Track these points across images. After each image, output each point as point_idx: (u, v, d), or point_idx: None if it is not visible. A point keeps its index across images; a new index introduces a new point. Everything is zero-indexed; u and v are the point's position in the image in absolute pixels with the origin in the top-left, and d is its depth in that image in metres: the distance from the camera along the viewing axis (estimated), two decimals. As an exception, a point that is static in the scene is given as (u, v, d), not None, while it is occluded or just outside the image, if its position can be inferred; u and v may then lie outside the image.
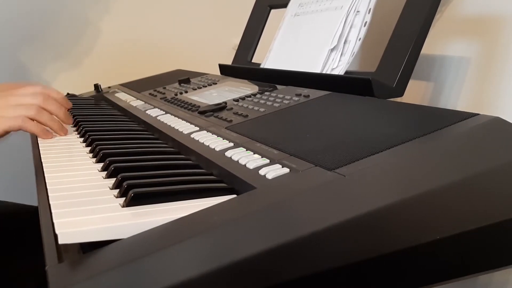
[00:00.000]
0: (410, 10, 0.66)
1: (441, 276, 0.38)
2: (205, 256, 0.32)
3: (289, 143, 0.50)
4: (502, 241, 0.40)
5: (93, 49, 1.33)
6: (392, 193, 0.37)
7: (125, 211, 0.40)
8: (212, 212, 0.38)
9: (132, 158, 0.54)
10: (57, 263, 0.33)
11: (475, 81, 0.75)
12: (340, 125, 0.53)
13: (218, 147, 0.53)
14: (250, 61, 1.00)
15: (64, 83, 1.30)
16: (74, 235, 0.35)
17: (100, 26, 1.33)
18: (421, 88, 0.84)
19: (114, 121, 0.79)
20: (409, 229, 0.37)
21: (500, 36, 0.71)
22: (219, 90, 0.85)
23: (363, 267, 0.35)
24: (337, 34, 0.73)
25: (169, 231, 0.36)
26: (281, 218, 0.36)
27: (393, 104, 0.57)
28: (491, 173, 0.41)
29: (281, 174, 0.43)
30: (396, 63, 0.64)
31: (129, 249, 0.34)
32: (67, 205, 0.40)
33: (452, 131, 0.45)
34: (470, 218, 0.39)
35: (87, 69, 1.33)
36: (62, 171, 0.52)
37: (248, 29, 1.04)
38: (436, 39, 0.80)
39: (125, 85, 1.16)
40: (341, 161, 0.42)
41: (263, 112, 0.64)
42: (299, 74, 0.76)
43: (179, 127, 0.65)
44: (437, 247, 0.37)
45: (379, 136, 0.46)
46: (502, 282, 0.68)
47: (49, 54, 1.29)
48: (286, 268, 0.32)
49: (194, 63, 1.24)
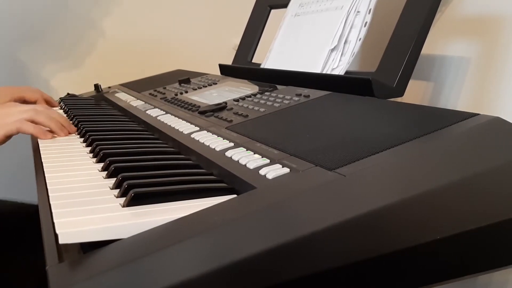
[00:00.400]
0: (410, 10, 0.66)
1: (441, 276, 0.38)
2: (205, 256, 0.32)
3: (289, 143, 0.50)
4: (502, 241, 0.40)
5: (93, 49, 1.33)
6: (392, 193, 0.37)
7: (125, 211, 0.40)
8: (212, 212, 0.38)
9: (132, 158, 0.54)
10: (58, 263, 0.33)
11: (475, 81, 0.75)
12: (340, 125, 0.53)
13: (218, 147, 0.53)
14: (250, 61, 1.00)
15: (64, 83, 1.30)
16: (74, 235, 0.35)
17: (101, 26, 1.33)
18: (421, 88, 0.84)
19: (114, 121, 0.79)
20: (409, 229, 0.37)
21: (500, 36, 0.71)
22: (219, 90, 0.85)
23: (363, 267, 0.35)
24: (337, 34, 0.73)
25: (169, 231, 0.36)
26: (281, 218, 0.36)
27: (393, 104, 0.57)
28: (491, 173, 0.41)
29: (281, 174, 0.43)
30: (396, 63, 0.64)
31: (129, 249, 0.34)
32: (68, 205, 0.40)
33: (452, 131, 0.45)
34: (470, 218, 0.39)
35: (87, 69, 1.33)
36: (62, 171, 0.52)
37: (248, 29, 1.04)
38: (436, 39, 0.80)
39: (125, 85, 1.16)
40: (341, 161, 0.42)
41: (263, 112, 0.64)
42: (299, 74, 0.76)
43: (179, 127, 0.65)
44: (437, 247, 0.37)
45: (379, 136, 0.46)
46: (502, 282, 0.68)
47: (49, 54, 1.29)
48: (286, 268, 0.32)
49: (194, 63, 1.24)
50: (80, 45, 1.32)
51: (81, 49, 1.32)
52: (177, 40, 1.40)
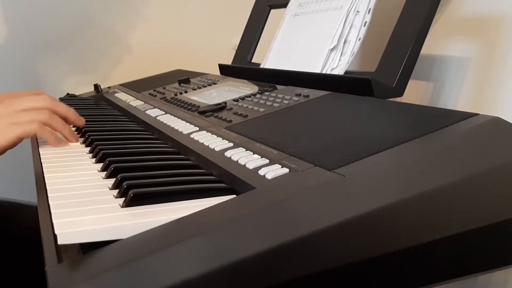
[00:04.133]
0: (410, 10, 0.66)
1: (441, 276, 0.38)
2: (205, 256, 0.32)
3: (289, 143, 0.49)
4: (502, 241, 0.40)
5: (93, 49, 1.33)
6: (392, 193, 0.37)
7: (125, 211, 0.40)
8: (212, 212, 0.38)
9: (132, 158, 0.54)
10: (57, 263, 0.33)
11: (475, 81, 0.75)
12: (339, 125, 0.53)
13: (217, 147, 0.53)
14: (250, 61, 1.00)
15: (64, 83, 1.30)
16: (73, 235, 0.35)
17: (100, 26, 1.33)
18: (421, 88, 0.84)
19: (114, 121, 0.79)
20: (409, 229, 0.37)
21: (500, 36, 0.71)
22: (219, 90, 0.85)
23: (363, 267, 0.35)
24: (337, 34, 0.73)
25: (169, 231, 0.36)
26: (281, 218, 0.36)
27: (393, 104, 0.57)
28: (491, 173, 0.41)
29: (280, 174, 0.43)
30: (396, 63, 0.64)
31: (129, 249, 0.34)
32: (67, 205, 0.40)
33: (452, 131, 0.45)
34: (470, 218, 0.39)
35: (87, 69, 1.33)
36: (61, 171, 0.52)
37: (248, 29, 1.04)
38: (436, 39, 0.80)
39: (125, 85, 1.16)
40: (341, 161, 0.42)
41: (263, 112, 0.64)
42: (299, 74, 0.76)
43: (179, 127, 0.65)
44: (437, 247, 0.37)
45: (379, 136, 0.46)
46: (502, 282, 0.68)
47: (48, 54, 1.29)
48: (286, 268, 0.32)
49: (194, 63, 1.24)
50: (80, 45, 1.32)
51: (81, 49, 1.32)
52: (177, 40, 1.40)
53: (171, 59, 1.34)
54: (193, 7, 1.41)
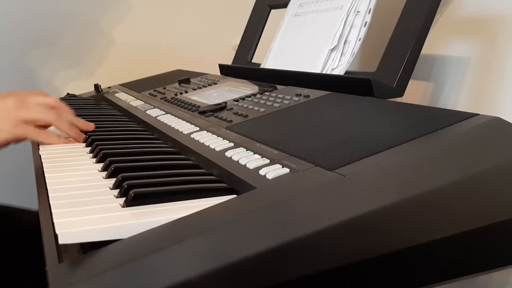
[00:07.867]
0: (410, 10, 0.66)
1: (441, 276, 0.38)
2: (205, 256, 0.32)
3: (289, 143, 0.50)
4: (502, 241, 0.40)
5: (93, 49, 1.33)
6: (392, 193, 0.37)
7: (125, 211, 0.40)
8: (212, 212, 0.38)
9: (132, 158, 0.54)
10: (57, 263, 0.33)
11: (475, 81, 0.75)
12: (340, 125, 0.53)
13: (218, 147, 0.53)
14: (250, 61, 1.00)
15: (64, 83, 1.30)
16: (74, 235, 0.35)
17: (100, 26, 1.33)
18: (421, 88, 0.84)
19: (114, 121, 0.79)
20: (409, 229, 0.37)
21: (500, 36, 0.71)
22: (219, 90, 0.85)
23: (363, 267, 0.35)
24: (337, 34, 0.73)
25: (169, 231, 0.36)
26: (281, 218, 0.36)
27: (393, 104, 0.57)
28: (491, 173, 0.41)
29: (281, 174, 0.43)
30: (396, 63, 0.64)
31: (129, 249, 0.34)
32: (67, 205, 0.40)
33: (452, 131, 0.45)
34: (470, 218, 0.39)
35: (87, 69, 1.33)
36: (62, 171, 0.52)
37: (248, 29, 1.04)
38: (436, 39, 0.80)
39: (125, 85, 1.16)
40: (341, 161, 0.42)
41: (263, 112, 0.64)
42: (299, 74, 0.76)
43: (179, 127, 0.65)
44: (437, 247, 0.37)
45: (379, 136, 0.46)
46: (502, 282, 0.68)
47: (48, 54, 1.29)
48: (286, 268, 0.32)
49: (194, 63, 1.24)
50: (80, 45, 1.32)
51: (81, 49, 1.32)
52: (177, 40, 1.40)
53: (171, 59, 1.34)
54: (194, 7, 1.41)
